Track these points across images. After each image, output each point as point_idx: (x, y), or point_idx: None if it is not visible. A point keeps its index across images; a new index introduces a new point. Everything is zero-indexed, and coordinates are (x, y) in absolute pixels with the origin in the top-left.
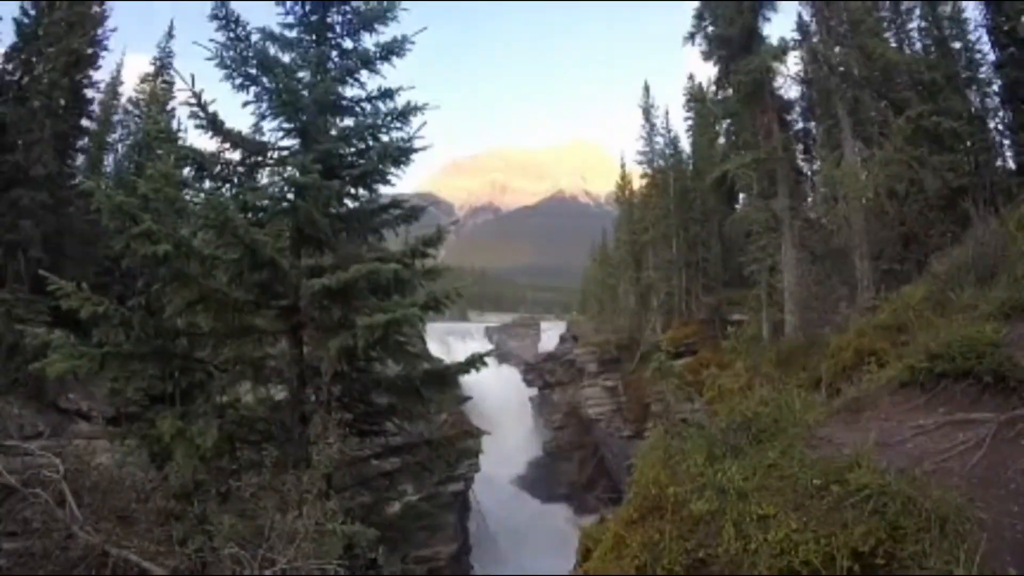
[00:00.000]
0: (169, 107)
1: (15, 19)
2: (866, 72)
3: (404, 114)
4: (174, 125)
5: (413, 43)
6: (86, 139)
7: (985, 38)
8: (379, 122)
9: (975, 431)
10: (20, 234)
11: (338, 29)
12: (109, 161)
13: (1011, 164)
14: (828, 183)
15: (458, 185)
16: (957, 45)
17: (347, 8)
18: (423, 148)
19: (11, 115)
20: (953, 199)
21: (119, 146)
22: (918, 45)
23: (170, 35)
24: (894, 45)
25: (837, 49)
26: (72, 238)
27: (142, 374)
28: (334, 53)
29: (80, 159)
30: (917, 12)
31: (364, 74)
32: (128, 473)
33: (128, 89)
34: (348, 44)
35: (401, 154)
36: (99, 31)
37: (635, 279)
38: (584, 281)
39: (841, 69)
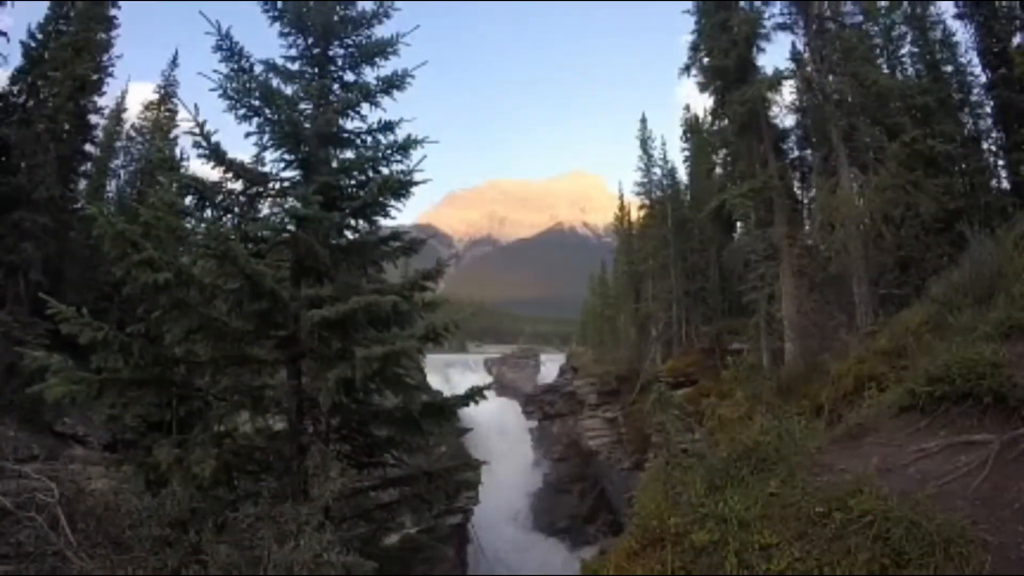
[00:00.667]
0: (172, 135)
1: (22, 42)
2: (860, 99)
3: (404, 147)
4: (177, 153)
5: (413, 77)
6: (89, 164)
7: (976, 60)
8: (379, 155)
9: (977, 452)
10: (21, 256)
11: (340, 62)
12: (111, 187)
13: (1006, 184)
14: (825, 210)
15: (457, 217)
16: (949, 69)
17: (349, 42)
18: (423, 181)
19: (15, 137)
20: (949, 221)
21: (121, 172)
22: (910, 70)
23: (174, 64)
24: (887, 71)
25: (831, 77)
26: (73, 262)
27: (140, 401)
28: (336, 86)
29: (82, 184)
30: (909, 38)
31: (365, 107)
32: (124, 500)
33: (132, 116)
34: (350, 77)
35: (401, 187)
36: (105, 57)
37: (634, 310)
38: (583, 312)
39: (835, 97)
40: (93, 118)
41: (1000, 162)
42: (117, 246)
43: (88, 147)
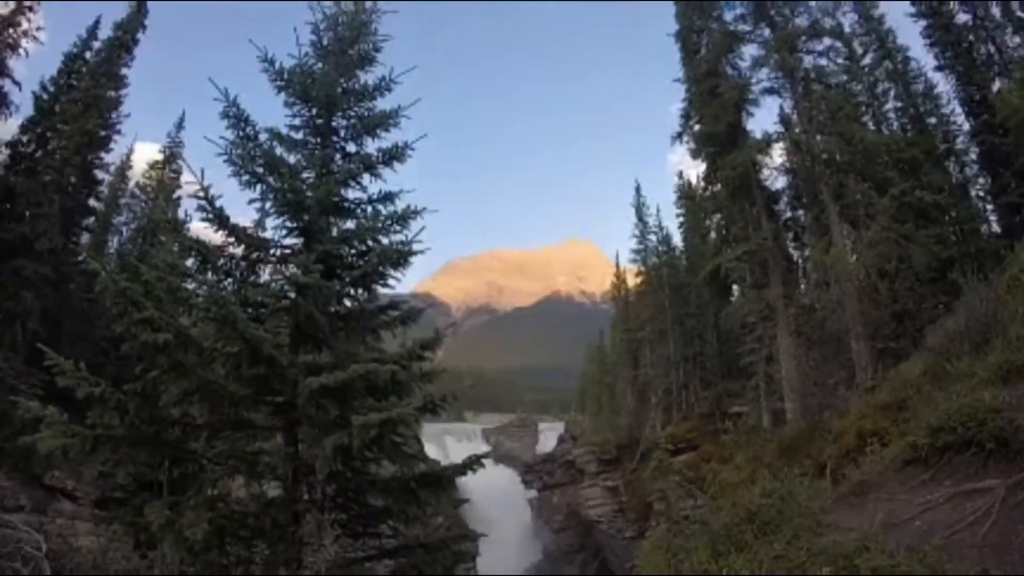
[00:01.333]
0: (175, 195)
1: (34, 92)
2: (848, 157)
3: (404, 217)
4: (179, 214)
5: (413, 149)
6: (92, 218)
7: (959, 109)
8: (379, 225)
9: (983, 499)
10: (20, 304)
11: (342, 133)
12: (113, 243)
13: (996, 228)
14: (819, 268)
15: (455, 285)
16: (933, 120)
17: (352, 113)
18: (422, 251)
19: (22, 186)
20: (942, 270)
21: (124, 229)
22: (896, 124)
23: (180, 126)
24: (873, 127)
25: (819, 137)
26: (71, 315)
27: (134, 460)
28: (338, 156)
29: (85, 237)
30: (892, 93)
31: (366, 177)
32: (112, 559)
33: (136, 174)
34: (352, 148)
35: (400, 257)
36: (113, 115)
37: (633, 377)
38: (582, 380)
39: (824, 156)
40: (99, 173)
41: (989, 206)
42: (118, 303)
43: (92, 202)
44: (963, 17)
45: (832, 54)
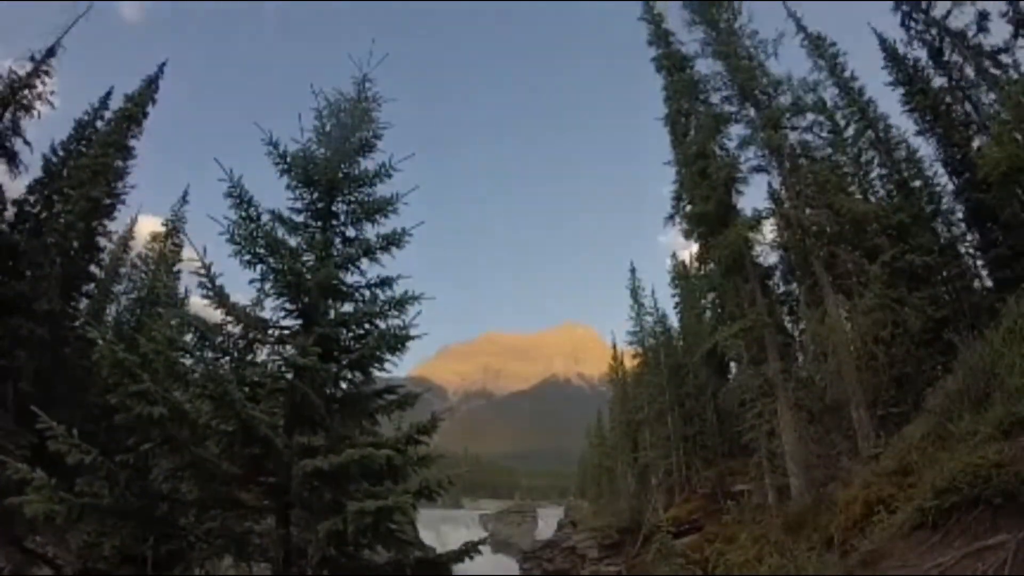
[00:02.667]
0: (175, 268)
1: (44, 155)
2: (837, 227)
3: (401, 303)
4: (178, 287)
5: (411, 235)
6: (92, 285)
7: (942, 170)
8: (377, 309)
9: (995, 555)
10: (14, 362)
11: (343, 217)
12: (111, 311)
13: (988, 282)
14: (816, 340)
15: (451, 369)
16: (917, 183)
17: (352, 198)
18: (418, 336)
19: (25, 245)
20: (938, 331)
21: (122, 298)
22: (882, 191)
23: (184, 201)
24: (860, 196)
25: (808, 211)
26: (64, 379)
27: (120, 532)
28: (338, 240)
29: (83, 302)
30: (876, 161)
31: (364, 262)
32: None
33: (138, 245)
34: (351, 232)
35: (397, 341)
36: (119, 184)
37: (633, 459)
38: (581, 464)
39: (814, 229)
40: (101, 241)
41: (979, 262)
42: (115, 374)
43: (93, 268)
44: (939, 81)
45: (816, 128)
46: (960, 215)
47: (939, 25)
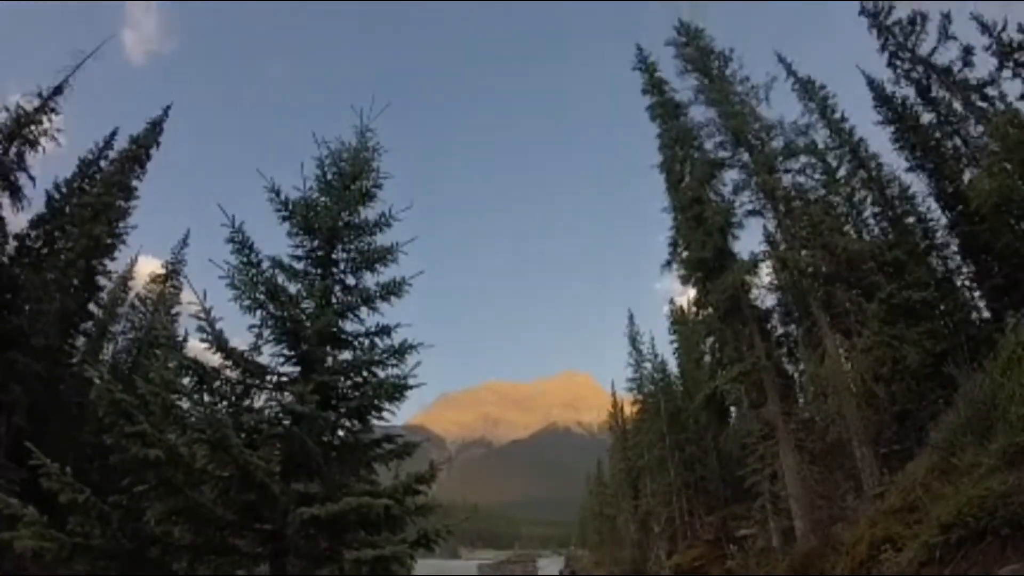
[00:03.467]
0: (174, 311)
1: (47, 191)
2: (833, 267)
3: (400, 352)
4: (177, 329)
5: (411, 284)
6: (91, 323)
7: (934, 205)
8: (376, 358)
9: None
10: (8, 396)
11: (342, 265)
12: (108, 350)
13: (985, 313)
14: (815, 381)
15: (450, 418)
16: (911, 220)
17: (352, 247)
18: (417, 385)
19: (25, 279)
20: (938, 365)
21: (120, 338)
22: (876, 229)
23: (184, 243)
24: (854, 235)
25: (804, 252)
26: (59, 415)
27: (110, 573)
28: (337, 288)
29: (80, 340)
30: (869, 199)
31: (364, 310)
32: None
33: (137, 285)
34: (351, 281)
35: (396, 390)
36: (121, 224)
37: (634, 506)
38: (581, 513)
39: (810, 270)
40: (101, 279)
41: (976, 293)
42: (111, 414)
43: (92, 306)
44: (927, 117)
45: (809, 170)
46: (955, 248)
47: (925, 62)
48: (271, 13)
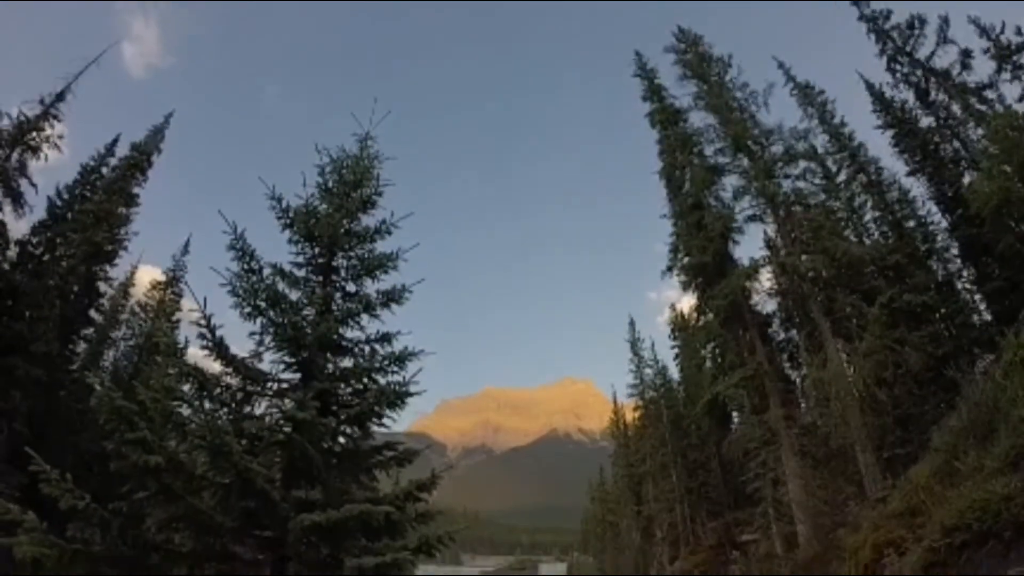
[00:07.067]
0: (174, 318)
1: (49, 197)
2: (834, 272)
3: (401, 359)
4: (178, 337)
5: (411, 292)
6: (91, 329)
7: (934, 209)
8: (376, 365)
9: None
10: (8, 403)
11: (343, 273)
12: (108, 356)
13: (987, 316)
14: (817, 386)
15: (451, 425)
16: (911, 224)
17: (352, 254)
18: (418, 392)
19: (26, 286)
20: (939, 368)
21: (120, 344)
22: (876, 233)
23: (185, 250)
24: (855, 239)
25: (804, 257)
26: (58, 422)
27: None
28: (338, 295)
29: (81, 346)
30: (869, 204)
31: (364, 317)
32: None
33: (138, 292)
34: (352, 288)
35: (397, 397)
36: (122, 231)
37: (636, 513)
38: (583, 519)
39: (811, 275)
40: (102, 286)
41: (977, 296)
42: (112, 420)
43: (92, 313)
44: (927, 120)
45: (808, 175)
46: (955, 251)
47: (924, 66)
48: (273, 25)
